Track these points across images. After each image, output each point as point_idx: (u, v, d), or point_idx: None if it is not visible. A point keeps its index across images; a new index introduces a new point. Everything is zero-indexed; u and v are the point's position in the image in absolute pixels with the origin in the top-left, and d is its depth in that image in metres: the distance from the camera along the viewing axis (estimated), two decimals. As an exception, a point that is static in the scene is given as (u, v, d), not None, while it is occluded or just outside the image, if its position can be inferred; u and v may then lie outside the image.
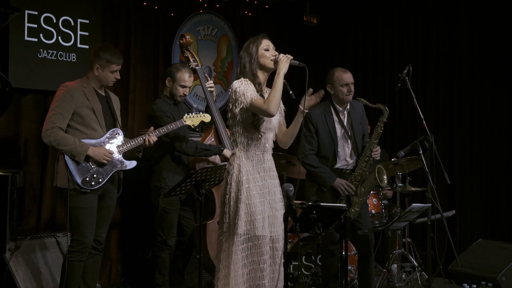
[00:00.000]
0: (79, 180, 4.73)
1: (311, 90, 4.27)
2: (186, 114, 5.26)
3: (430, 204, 5.47)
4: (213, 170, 4.91)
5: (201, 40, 7.10)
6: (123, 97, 6.44)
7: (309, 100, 4.27)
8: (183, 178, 4.94)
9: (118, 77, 5.02)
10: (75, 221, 4.78)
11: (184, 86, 5.60)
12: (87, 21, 6.07)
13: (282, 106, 4.41)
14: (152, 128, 5.11)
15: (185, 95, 5.66)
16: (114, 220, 6.27)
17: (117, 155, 4.91)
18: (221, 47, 7.31)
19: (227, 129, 5.64)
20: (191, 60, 5.94)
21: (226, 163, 4.71)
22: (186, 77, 5.59)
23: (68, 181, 4.71)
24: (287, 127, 4.39)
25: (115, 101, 5.15)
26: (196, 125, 5.29)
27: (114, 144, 4.92)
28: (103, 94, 5.04)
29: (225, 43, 7.34)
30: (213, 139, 5.95)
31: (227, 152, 5.57)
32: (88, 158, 4.78)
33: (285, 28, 8.01)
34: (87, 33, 6.05)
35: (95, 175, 4.81)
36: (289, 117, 4.41)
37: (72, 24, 5.98)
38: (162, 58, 6.70)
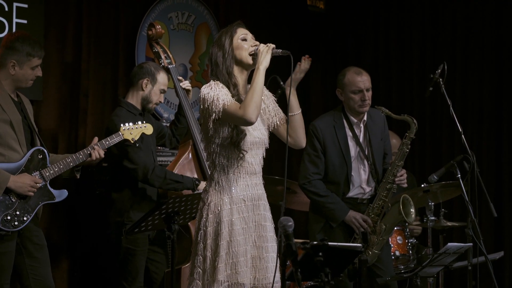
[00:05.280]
0: None
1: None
2: (122, 125, 5.22)
3: (471, 244, 5.52)
4: (188, 199, 4.96)
5: (173, 30, 7.18)
6: (73, 104, 6.49)
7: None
8: (149, 210, 5.00)
9: (40, 73, 5.00)
10: None
11: (164, 91, 5.73)
12: (26, 6, 6.14)
13: (272, 104, 4.45)
14: (96, 138, 5.14)
15: (160, 102, 5.77)
16: (59, 266, 6.31)
17: (43, 183, 4.88)
18: (199, 39, 7.38)
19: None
20: (162, 56, 6.01)
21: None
22: (166, 79, 5.74)
23: None
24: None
25: (29, 108, 5.11)
26: (136, 139, 5.25)
27: (39, 168, 4.89)
28: (16, 99, 4.99)
29: (205, 34, 7.42)
30: (190, 158, 5.99)
31: (203, 187, 5.60)
32: (8, 190, 4.74)
33: (284, 14, 8.06)
34: (25, 21, 6.12)
35: (17, 212, 4.77)
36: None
37: (6, 9, 6.05)
38: (123, 54, 6.76)
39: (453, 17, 7.76)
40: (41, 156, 4.93)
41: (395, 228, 6.34)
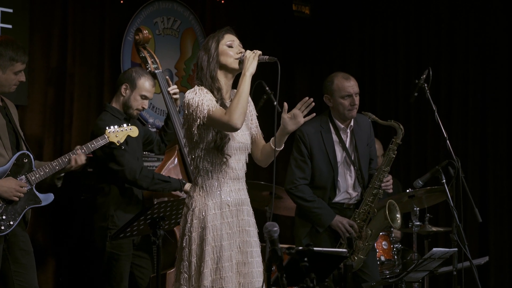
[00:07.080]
0: None
1: (286, 105, 4.32)
2: (107, 128, 5.20)
3: (456, 249, 5.54)
4: (174, 204, 4.97)
5: (159, 36, 7.18)
6: (57, 108, 6.47)
7: (295, 118, 4.32)
8: (135, 215, 5.00)
9: (23, 79, 4.97)
10: None
11: (146, 97, 5.67)
12: (11, 10, 6.12)
13: (254, 113, 4.50)
14: (77, 147, 5.12)
15: (143, 109, 5.73)
16: (44, 270, 6.29)
17: (28, 187, 4.86)
18: (185, 44, 7.39)
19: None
20: (149, 61, 5.99)
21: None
22: (149, 85, 5.66)
23: None
24: (266, 141, 4.45)
25: (14, 113, 5.09)
26: (121, 141, 5.23)
27: (24, 172, 4.87)
28: (0, 103, 4.98)
29: (190, 39, 7.42)
30: (176, 162, 5.98)
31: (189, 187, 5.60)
32: None
33: (270, 20, 8.08)
34: (10, 26, 6.10)
35: (3, 217, 4.75)
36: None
37: (-9, 13, 6.06)
38: (108, 59, 6.75)
39: (438, 22, 7.79)
40: (27, 160, 4.91)
41: (381, 233, 6.36)
